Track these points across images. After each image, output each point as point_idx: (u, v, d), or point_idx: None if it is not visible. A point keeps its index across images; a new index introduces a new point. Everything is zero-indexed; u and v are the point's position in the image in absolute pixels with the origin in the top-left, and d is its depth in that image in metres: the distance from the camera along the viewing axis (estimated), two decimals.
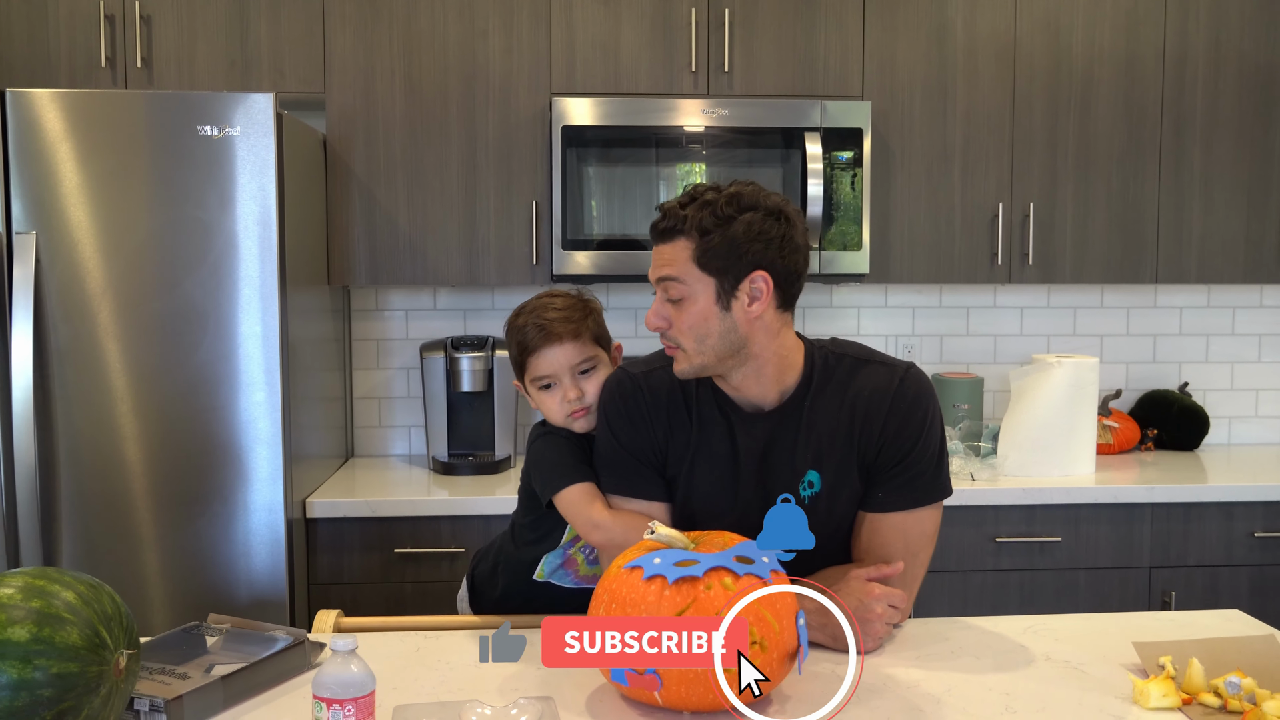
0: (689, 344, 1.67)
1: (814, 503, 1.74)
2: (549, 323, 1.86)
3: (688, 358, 1.68)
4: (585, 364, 1.87)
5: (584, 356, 1.87)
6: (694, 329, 1.66)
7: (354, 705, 1.30)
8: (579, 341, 1.87)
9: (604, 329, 1.94)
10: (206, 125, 2.51)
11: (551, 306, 1.89)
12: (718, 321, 1.65)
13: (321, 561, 2.79)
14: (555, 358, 1.86)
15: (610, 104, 2.99)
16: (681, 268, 1.65)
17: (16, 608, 1.26)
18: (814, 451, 1.73)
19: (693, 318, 1.65)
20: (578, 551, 1.93)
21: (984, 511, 2.89)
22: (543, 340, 1.86)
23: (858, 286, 3.47)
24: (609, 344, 1.95)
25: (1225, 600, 2.90)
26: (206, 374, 2.54)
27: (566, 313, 1.88)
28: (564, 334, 1.85)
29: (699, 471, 1.77)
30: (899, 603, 1.67)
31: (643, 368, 1.82)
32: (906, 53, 3.12)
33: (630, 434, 1.78)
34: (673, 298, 1.66)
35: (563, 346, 1.85)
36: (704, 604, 1.38)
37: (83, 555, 2.54)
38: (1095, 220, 3.19)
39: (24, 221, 2.48)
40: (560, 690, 1.52)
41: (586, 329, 1.88)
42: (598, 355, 1.89)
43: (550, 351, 1.86)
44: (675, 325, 1.67)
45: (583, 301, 1.92)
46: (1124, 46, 3.17)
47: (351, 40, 3.01)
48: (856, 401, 1.73)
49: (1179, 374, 3.60)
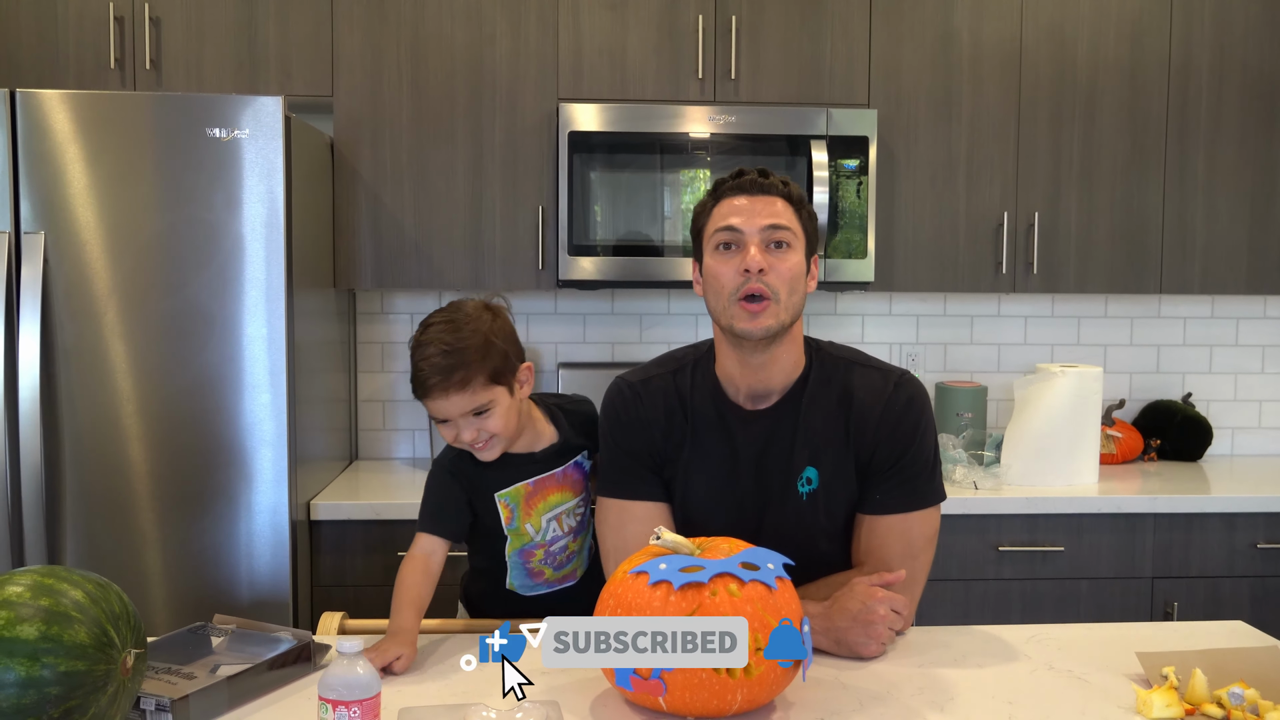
0: (784, 292, 1.68)
1: (812, 499, 1.76)
2: (427, 377, 1.76)
3: (777, 310, 1.67)
4: (478, 409, 1.78)
5: (473, 406, 1.77)
6: (793, 278, 1.69)
7: (359, 707, 1.31)
8: (465, 392, 1.75)
9: (504, 358, 1.80)
10: (215, 127, 2.52)
11: (436, 350, 1.75)
12: (801, 281, 1.72)
13: (325, 563, 2.79)
14: (441, 408, 1.78)
15: (617, 110, 2.99)
16: (789, 219, 1.71)
17: (25, 606, 1.26)
18: (811, 448, 1.76)
19: (794, 267, 1.69)
20: (541, 564, 1.92)
21: (986, 520, 2.89)
22: (424, 393, 1.78)
23: (862, 294, 3.48)
24: (513, 371, 1.82)
25: (1227, 611, 2.90)
26: (212, 375, 2.55)
27: (450, 360, 1.74)
28: (447, 388, 1.75)
29: (696, 472, 1.79)
30: (901, 608, 1.68)
31: (640, 376, 1.86)
32: (912, 61, 3.13)
33: (627, 440, 1.82)
34: (781, 241, 1.69)
35: (447, 400, 1.76)
36: (709, 610, 1.39)
37: (87, 554, 2.54)
38: (1099, 230, 3.20)
39: (32, 221, 2.49)
40: (565, 695, 1.52)
41: (475, 374, 1.76)
42: (493, 399, 1.78)
43: (434, 404, 1.78)
44: (776, 271, 1.67)
45: (470, 344, 1.76)
46: (1128, 55, 3.17)
47: (359, 43, 3.02)
48: (851, 404, 1.76)
49: (1182, 384, 3.60)
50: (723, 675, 1.37)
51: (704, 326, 3.37)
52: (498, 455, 1.84)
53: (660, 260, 3.02)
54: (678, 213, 3.03)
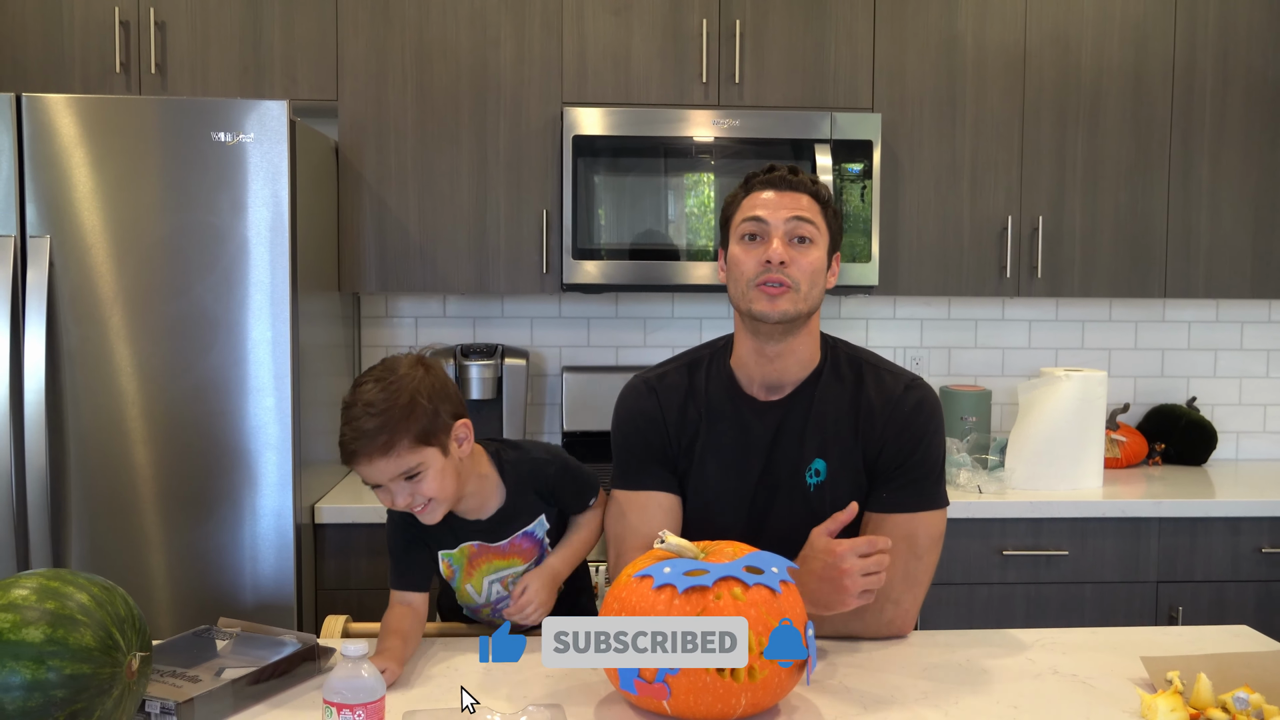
0: (804, 284, 1.72)
1: (819, 491, 1.79)
2: (350, 442, 1.69)
3: (796, 299, 1.72)
4: (408, 473, 1.70)
5: (401, 470, 1.69)
6: (814, 272, 1.74)
7: (364, 711, 1.31)
8: (390, 456, 1.68)
9: (433, 417, 1.71)
10: (220, 131, 2.52)
11: (360, 412, 1.68)
12: (821, 275, 1.76)
13: (329, 567, 2.79)
14: (368, 474, 1.71)
15: (621, 114, 3.00)
16: (814, 214, 1.75)
17: (31, 609, 1.26)
18: (820, 440, 1.79)
19: (815, 261, 1.74)
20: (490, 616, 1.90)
21: (990, 524, 2.89)
22: (348, 459, 1.71)
23: (866, 298, 3.48)
24: (445, 430, 1.73)
25: (1232, 616, 2.90)
26: (216, 378, 2.55)
27: (374, 423, 1.67)
28: (371, 453, 1.68)
29: (709, 462, 1.82)
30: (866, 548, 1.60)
31: (655, 372, 1.90)
32: (916, 65, 3.13)
33: (637, 434, 1.85)
34: (804, 235, 1.73)
35: (373, 465, 1.69)
36: (713, 613, 1.39)
37: (91, 557, 2.55)
38: (1103, 233, 3.20)
39: (38, 225, 2.49)
40: (569, 699, 1.52)
41: (400, 436, 1.68)
42: (422, 461, 1.70)
43: (361, 469, 1.71)
44: (797, 264, 1.72)
45: (396, 405, 1.68)
46: (1133, 60, 3.17)
47: (364, 47, 3.02)
48: (861, 402, 1.80)
49: (1187, 388, 3.60)
50: (727, 679, 1.37)
51: (708, 330, 3.37)
52: (440, 518, 1.76)
53: (664, 264, 3.02)
54: (682, 216, 3.04)
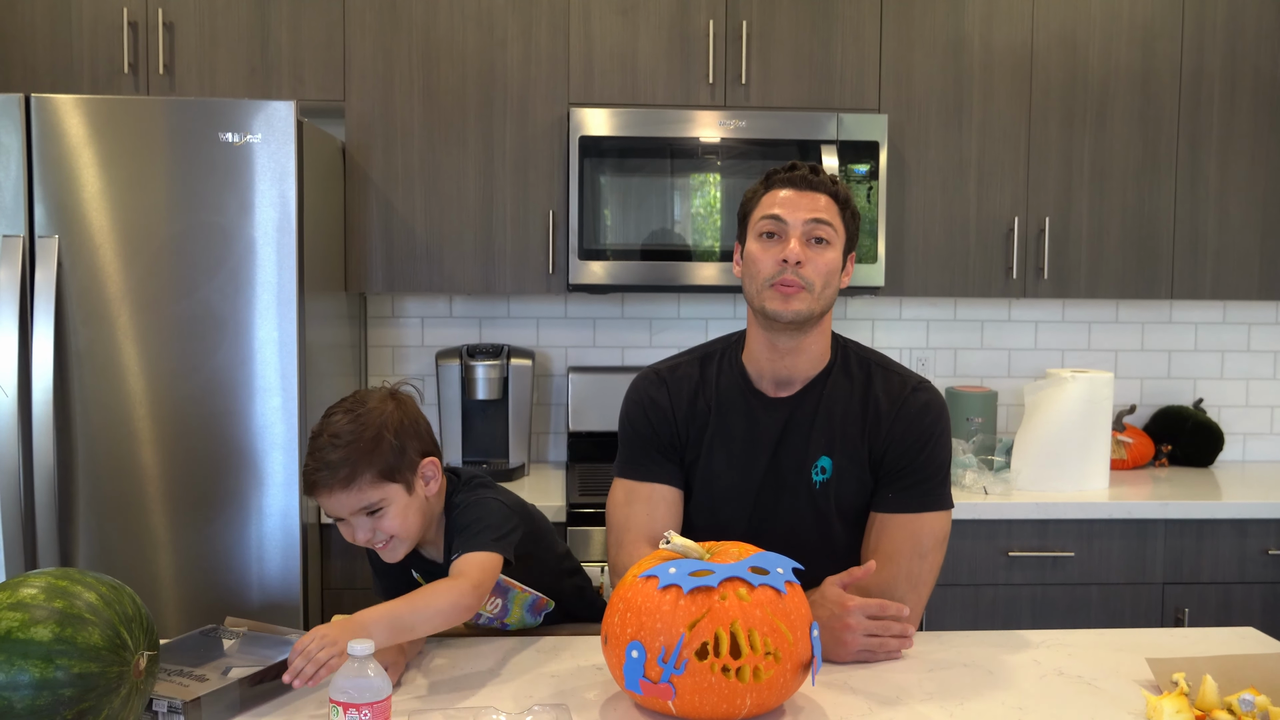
0: (818, 284, 1.73)
1: (825, 488, 1.80)
2: (311, 473, 1.67)
3: (810, 299, 1.73)
4: (371, 508, 1.69)
5: (362, 504, 1.68)
6: (829, 272, 1.74)
7: (370, 710, 1.31)
8: (350, 489, 1.66)
9: (399, 453, 1.69)
10: (227, 132, 2.53)
11: (325, 443, 1.67)
12: (836, 276, 1.77)
13: (335, 567, 2.80)
14: (329, 506, 1.70)
15: (627, 115, 3.00)
16: (832, 215, 1.76)
17: (39, 608, 1.27)
18: (827, 438, 1.80)
19: (831, 262, 1.75)
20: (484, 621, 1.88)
21: (996, 525, 2.89)
22: (309, 490, 1.69)
23: (872, 299, 3.48)
24: (411, 468, 1.71)
25: (1238, 618, 2.89)
26: (223, 378, 2.56)
27: (337, 455, 1.65)
28: (332, 485, 1.66)
29: (717, 454, 1.83)
30: (877, 611, 1.67)
31: (668, 364, 1.91)
32: (923, 66, 3.13)
33: (645, 424, 1.85)
34: (821, 237, 1.74)
35: (333, 497, 1.67)
36: (718, 614, 1.39)
37: (98, 557, 2.55)
38: (1110, 235, 3.19)
39: (46, 225, 2.50)
40: (575, 698, 1.53)
41: (362, 470, 1.66)
42: (384, 497, 1.68)
43: (322, 501, 1.70)
44: (813, 264, 1.73)
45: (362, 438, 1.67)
46: (1140, 61, 3.17)
47: (371, 48, 3.03)
48: (870, 402, 1.81)
49: (1194, 390, 3.59)
50: (732, 679, 1.38)
51: (714, 330, 3.37)
52: (400, 556, 1.75)
53: (670, 264, 3.02)
54: (688, 217, 3.04)
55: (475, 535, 1.70)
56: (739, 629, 1.38)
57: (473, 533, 1.71)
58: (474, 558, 1.67)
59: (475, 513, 1.75)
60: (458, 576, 1.63)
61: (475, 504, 1.77)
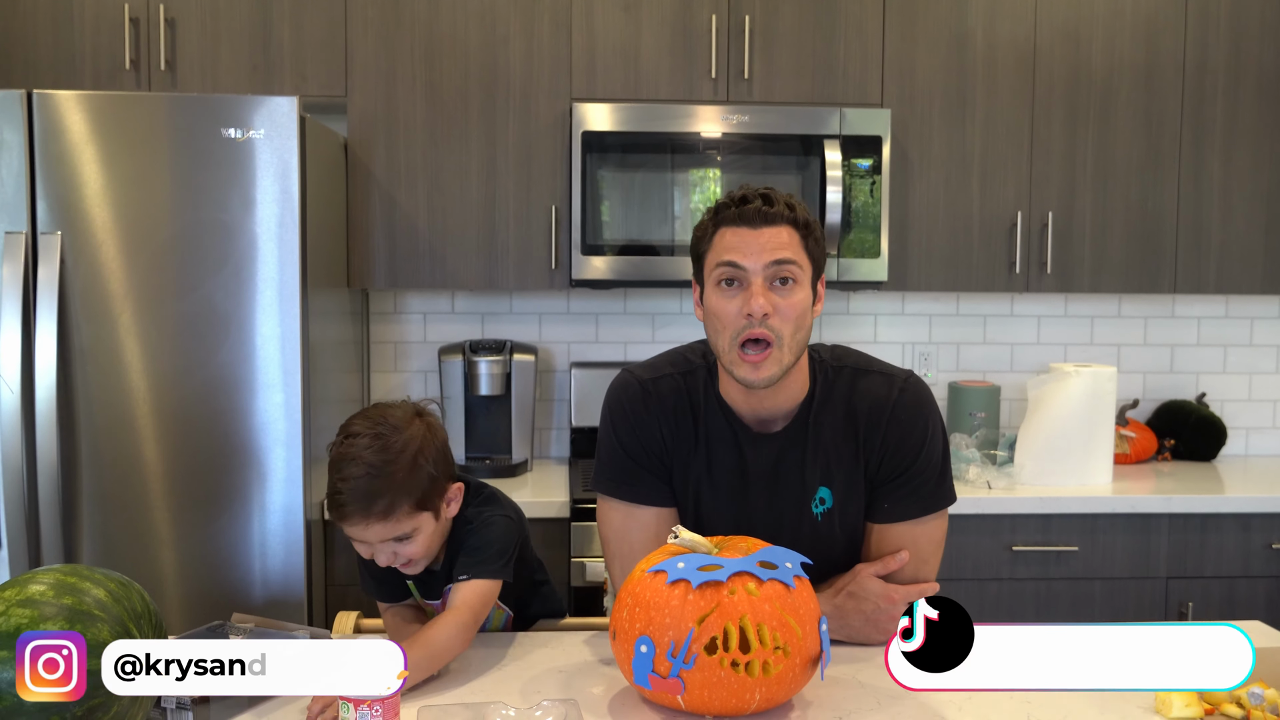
0: (788, 334, 1.60)
1: (827, 519, 1.74)
2: (345, 503, 1.63)
3: (780, 355, 1.60)
4: (399, 536, 1.67)
5: (395, 534, 1.66)
6: (799, 315, 1.61)
7: (380, 706, 1.31)
8: (387, 521, 1.64)
9: (433, 482, 1.68)
10: (230, 128, 2.53)
11: (359, 471, 1.62)
12: (807, 315, 1.63)
13: (339, 563, 2.80)
14: (360, 535, 1.67)
15: (630, 110, 3.00)
16: (796, 252, 1.61)
17: (48, 604, 1.27)
18: (823, 467, 1.72)
19: (799, 304, 1.61)
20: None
21: (1000, 520, 2.89)
22: (340, 518, 1.66)
23: (875, 294, 3.47)
24: (441, 494, 1.71)
25: (1242, 612, 2.89)
26: (226, 375, 2.55)
27: (374, 485, 1.62)
28: (368, 517, 1.64)
29: (706, 490, 1.74)
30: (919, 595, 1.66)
31: (650, 373, 1.77)
32: (926, 61, 3.13)
33: (633, 439, 1.74)
34: (786, 277, 1.60)
35: (368, 528, 1.65)
36: (727, 609, 1.39)
37: (102, 553, 2.55)
38: (1113, 229, 3.19)
39: (49, 222, 2.50)
40: (583, 693, 1.52)
41: (400, 501, 1.64)
42: (418, 525, 1.67)
43: (353, 530, 1.67)
44: (781, 312, 1.59)
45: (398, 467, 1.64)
46: (1143, 55, 3.17)
47: (373, 44, 3.03)
48: (857, 413, 1.72)
49: (1196, 384, 3.59)
50: (741, 674, 1.38)
51: None
52: (418, 571, 1.75)
53: (673, 260, 3.02)
54: (690, 212, 3.03)
55: (481, 561, 1.70)
56: (748, 623, 1.38)
57: (479, 558, 1.71)
58: (476, 588, 1.67)
59: (485, 535, 1.74)
60: (461, 609, 1.63)
61: (485, 525, 1.76)
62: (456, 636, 1.59)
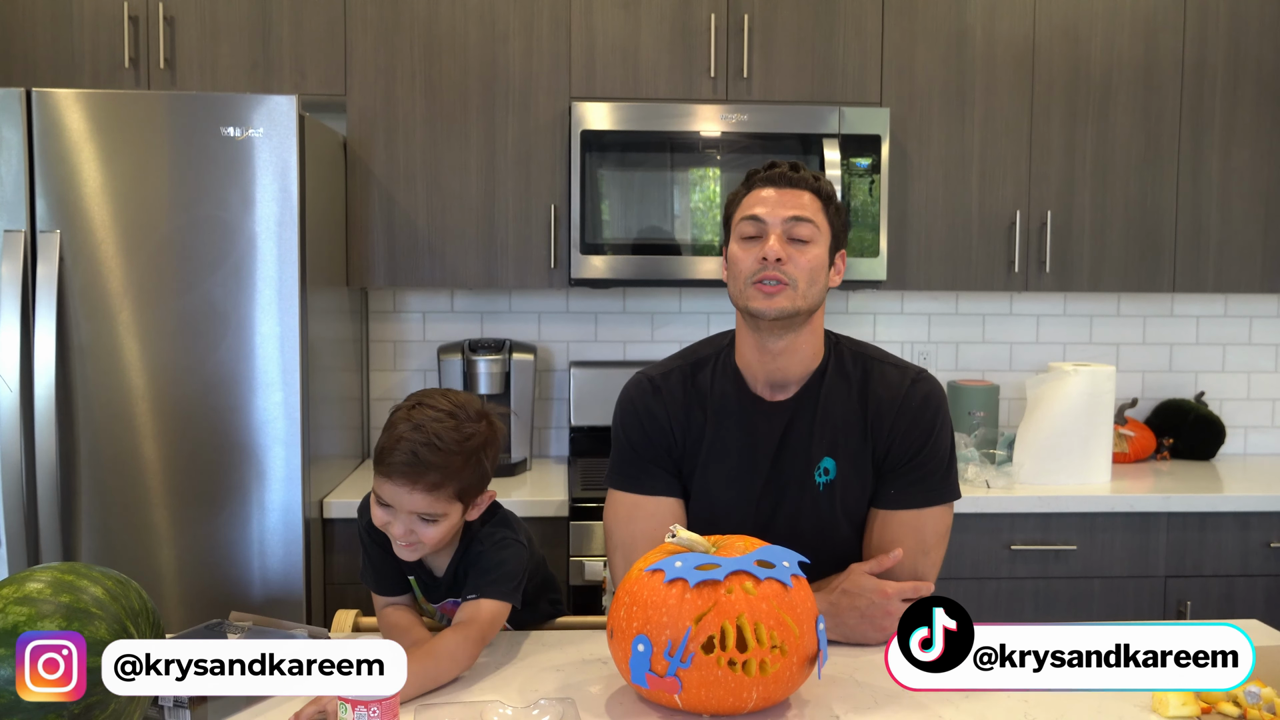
0: (802, 281, 1.70)
1: (829, 490, 1.78)
2: (400, 459, 1.64)
3: (794, 296, 1.70)
4: (430, 515, 1.67)
5: (428, 510, 1.66)
6: (812, 270, 1.72)
7: (379, 706, 1.31)
8: (430, 495, 1.65)
9: (481, 479, 1.71)
10: (229, 126, 2.53)
11: (424, 438, 1.64)
12: (822, 273, 1.74)
13: (338, 561, 2.80)
14: (395, 496, 1.66)
15: (629, 108, 2.99)
16: (814, 213, 1.73)
17: (46, 602, 1.27)
18: (829, 439, 1.78)
19: (814, 260, 1.72)
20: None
21: (999, 519, 2.89)
22: (387, 472, 1.66)
23: (874, 293, 3.47)
24: (478, 493, 1.73)
25: (1240, 611, 2.90)
26: (225, 373, 2.55)
27: (433, 457, 1.64)
28: (415, 482, 1.65)
29: (716, 464, 1.80)
30: (911, 593, 1.70)
31: (660, 370, 1.86)
32: (925, 59, 3.13)
33: (641, 434, 1.82)
34: (801, 237, 1.71)
35: (410, 494, 1.65)
36: (725, 608, 1.39)
37: (101, 551, 2.55)
38: (1112, 228, 3.19)
39: (48, 220, 2.50)
40: (580, 692, 1.53)
41: (449, 482, 1.66)
42: (449, 512, 1.68)
43: (391, 488, 1.66)
44: (794, 262, 1.70)
45: (463, 450, 1.66)
46: (1142, 53, 3.17)
47: (372, 43, 3.03)
48: (869, 399, 1.79)
49: (1195, 383, 3.59)
50: (738, 672, 1.38)
51: (716, 325, 3.37)
52: (415, 559, 1.75)
53: (672, 259, 3.02)
54: (689, 211, 3.03)
55: (494, 582, 1.71)
56: (745, 622, 1.39)
57: (493, 578, 1.71)
58: (487, 608, 1.68)
59: (501, 556, 1.75)
60: (470, 626, 1.64)
61: (501, 545, 1.76)
62: (462, 652, 1.60)
